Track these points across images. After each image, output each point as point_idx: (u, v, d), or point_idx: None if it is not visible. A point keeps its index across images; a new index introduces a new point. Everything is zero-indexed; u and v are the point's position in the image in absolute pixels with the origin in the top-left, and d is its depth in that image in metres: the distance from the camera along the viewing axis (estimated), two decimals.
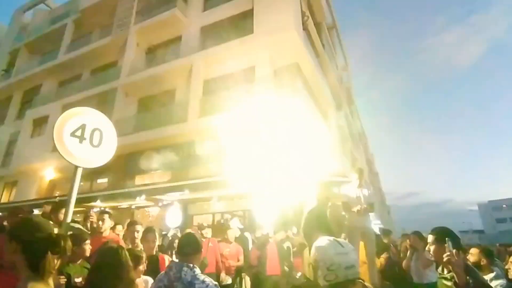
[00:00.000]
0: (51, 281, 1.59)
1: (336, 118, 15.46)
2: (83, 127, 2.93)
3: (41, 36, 17.64)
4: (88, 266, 2.66)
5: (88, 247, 2.86)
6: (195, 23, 12.90)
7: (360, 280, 1.50)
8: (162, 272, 2.01)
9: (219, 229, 7.41)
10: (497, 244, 11.67)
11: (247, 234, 6.72)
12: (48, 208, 4.93)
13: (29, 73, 16.73)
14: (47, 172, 13.29)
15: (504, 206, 61.61)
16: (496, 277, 2.87)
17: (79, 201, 9.80)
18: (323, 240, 1.63)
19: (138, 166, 11.18)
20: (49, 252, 1.60)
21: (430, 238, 2.13)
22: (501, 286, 2.71)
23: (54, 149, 11.70)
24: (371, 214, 4.45)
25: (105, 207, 10.05)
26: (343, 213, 4.42)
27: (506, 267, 3.17)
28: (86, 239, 2.87)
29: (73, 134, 2.85)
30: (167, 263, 3.07)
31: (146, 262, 2.53)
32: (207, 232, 5.31)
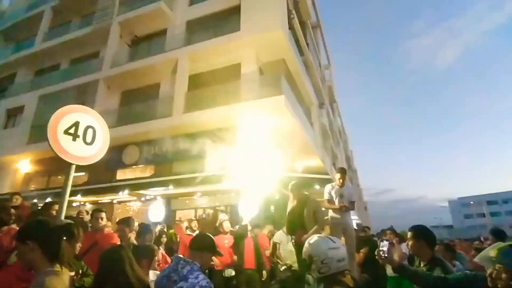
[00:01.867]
0: (66, 270, 1.69)
1: (318, 116, 15.81)
2: (76, 125, 2.97)
3: (17, 23, 16.80)
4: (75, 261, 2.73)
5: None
6: (181, 17, 12.76)
7: (348, 271, 1.71)
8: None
9: (209, 222, 7.52)
10: (463, 239, 12.47)
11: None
12: (18, 199, 4.89)
13: (2, 61, 15.95)
14: (22, 165, 12.82)
15: (472, 202, 65.14)
16: (457, 270, 3.18)
17: (57, 195, 9.62)
18: (315, 238, 1.82)
19: (119, 160, 11.04)
20: (63, 240, 1.72)
21: (409, 234, 2.35)
22: None
23: (30, 141, 11.42)
24: (351, 211, 4.72)
25: (85, 202, 9.92)
26: (324, 209, 4.66)
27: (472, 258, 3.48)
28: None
29: (66, 132, 2.89)
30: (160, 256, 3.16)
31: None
32: (195, 226, 5.41)
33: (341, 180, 4.67)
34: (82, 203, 9.80)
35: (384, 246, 2.07)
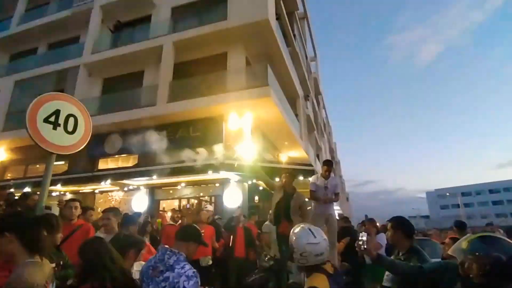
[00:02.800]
0: (47, 261, 1.67)
1: (303, 107, 15.93)
2: (57, 113, 2.89)
3: None
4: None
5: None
6: (166, 3, 12.40)
7: (328, 261, 1.79)
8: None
9: (192, 213, 7.53)
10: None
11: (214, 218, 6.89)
12: None
13: None
14: None
15: (448, 194, 68.00)
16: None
17: (36, 185, 9.34)
18: (299, 229, 1.89)
19: (101, 149, 10.78)
20: (43, 231, 1.70)
21: (388, 225, 2.44)
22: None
23: (6, 128, 10.93)
24: (334, 202, 4.84)
25: (65, 191, 9.68)
26: (307, 200, 4.77)
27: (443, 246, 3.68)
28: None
29: (46, 120, 2.81)
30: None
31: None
32: (178, 216, 5.41)
33: (327, 173, 4.76)
34: (62, 192, 9.56)
35: (363, 236, 2.16)
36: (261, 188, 9.97)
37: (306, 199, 4.77)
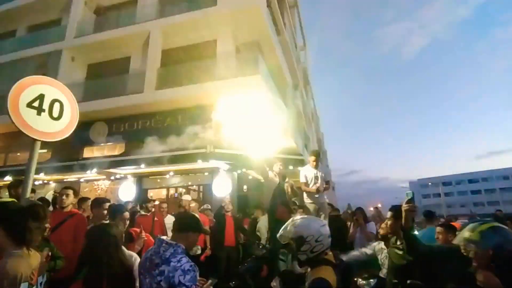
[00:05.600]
0: (35, 253, 1.63)
1: (292, 97, 15.91)
2: (41, 98, 2.76)
3: None
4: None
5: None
6: None
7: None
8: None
9: (175, 203, 7.47)
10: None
11: (206, 206, 6.89)
12: None
13: None
14: None
15: (430, 184, 70.10)
16: None
17: (17, 173, 9.04)
18: (301, 219, 1.86)
19: (86, 137, 10.50)
20: (29, 222, 1.64)
21: (389, 214, 2.47)
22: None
23: None
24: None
25: (48, 180, 9.43)
26: (296, 190, 4.84)
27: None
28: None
29: (29, 105, 2.68)
30: None
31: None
32: (165, 207, 5.38)
33: (315, 163, 4.82)
34: (45, 181, 9.31)
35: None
36: (250, 177, 9.99)
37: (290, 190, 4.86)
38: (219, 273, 5.02)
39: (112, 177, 9.58)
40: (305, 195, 4.85)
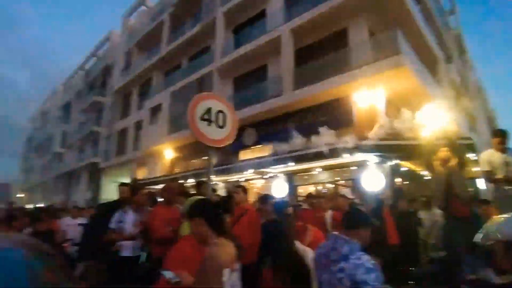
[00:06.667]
0: (229, 242, 1.88)
1: (446, 72, 13.37)
2: (209, 111, 3.28)
3: (145, 34, 19.97)
4: None
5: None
6: None
7: None
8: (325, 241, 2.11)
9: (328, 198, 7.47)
10: None
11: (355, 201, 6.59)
12: (174, 184, 5.78)
13: (140, 69, 19.35)
14: (167, 152, 15.50)
15: None
16: None
17: (196, 176, 11.03)
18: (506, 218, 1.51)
19: (240, 142, 12.02)
20: (222, 214, 1.94)
21: None
22: None
23: (170, 132, 13.32)
24: None
25: (217, 181, 11.26)
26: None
27: None
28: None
29: (202, 118, 3.21)
30: None
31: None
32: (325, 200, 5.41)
33: (501, 145, 3.80)
34: (215, 182, 11.18)
35: None
36: (404, 168, 8.99)
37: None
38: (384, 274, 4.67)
39: (265, 176, 10.55)
40: (492, 187, 3.88)
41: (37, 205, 20.71)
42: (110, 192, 18.55)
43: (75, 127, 27.79)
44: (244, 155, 12.49)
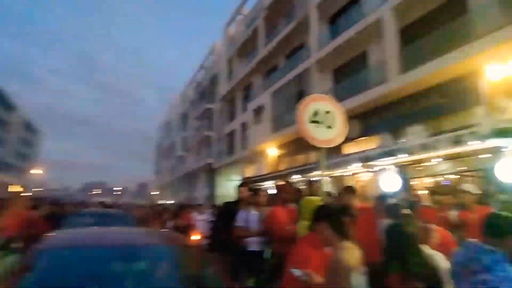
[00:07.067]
0: (353, 245, 1.95)
1: None
2: (316, 112, 3.39)
3: (243, 41, 21.42)
4: None
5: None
6: None
7: None
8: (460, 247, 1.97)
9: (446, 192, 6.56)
10: None
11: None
12: (288, 184, 5.97)
13: (242, 74, 20.90)
14: (271, 150, 16.34)
15: None
16: None
17: (300, 172, 11.27)
18: None
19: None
20: (343, 218, 2.04)
21: None
22: None
23: (273, 130, 14.01)
24: None
25: (322, 176, 11.25)
26: None
27: None
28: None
29: (310, 120, 3.35)
30: None
31: None
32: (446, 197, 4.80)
33: None
34: (320, 178, 11.19)
35: None
36: None
37: None
38: None
39: (372, 169, 9.97)
40: None
41: (172, 202, 24.92)
42: (223, 189, 20.79)
43: (192, 133, 32.22)
44: (348, 148, 12.06)
